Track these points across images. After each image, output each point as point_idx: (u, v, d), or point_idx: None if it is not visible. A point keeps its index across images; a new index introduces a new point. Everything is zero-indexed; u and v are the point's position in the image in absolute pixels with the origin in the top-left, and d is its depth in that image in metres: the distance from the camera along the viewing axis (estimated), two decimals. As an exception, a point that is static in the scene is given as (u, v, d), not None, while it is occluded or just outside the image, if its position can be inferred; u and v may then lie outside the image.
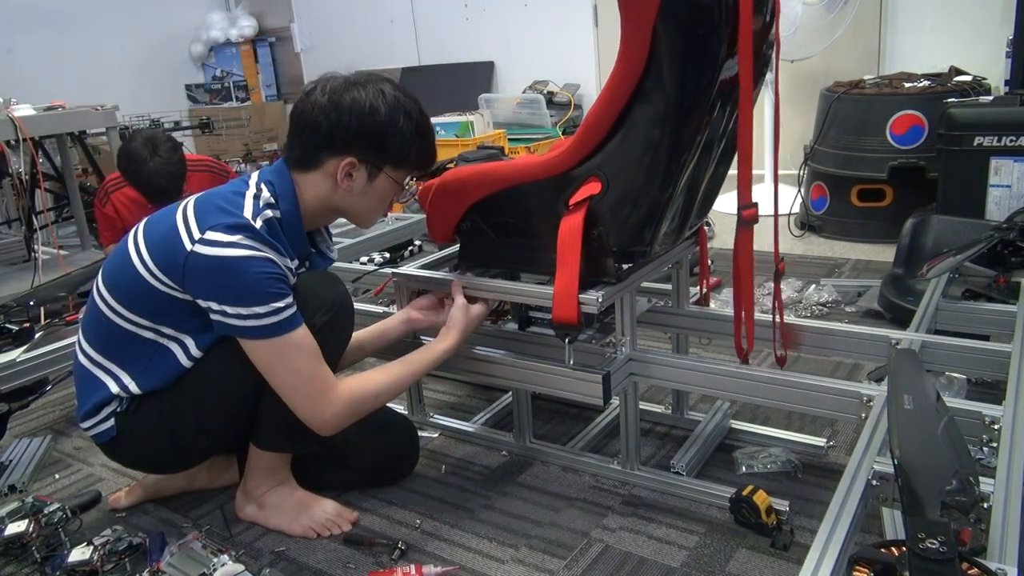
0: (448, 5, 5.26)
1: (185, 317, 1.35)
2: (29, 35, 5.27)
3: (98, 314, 1.40)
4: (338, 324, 1.44)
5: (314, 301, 1.39)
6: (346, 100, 1.35)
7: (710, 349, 2.02)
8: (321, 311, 1.39)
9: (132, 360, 1.40)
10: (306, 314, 1.36)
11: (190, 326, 1.37)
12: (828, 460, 1.62)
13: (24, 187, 3.70)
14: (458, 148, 3.69)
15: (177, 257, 1.29)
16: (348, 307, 1.47)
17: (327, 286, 1.44)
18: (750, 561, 1.33)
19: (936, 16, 3.70)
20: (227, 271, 1.27)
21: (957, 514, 0.88)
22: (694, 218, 1.59)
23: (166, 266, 1.32)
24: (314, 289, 1.41)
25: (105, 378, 1.41)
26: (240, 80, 6.24)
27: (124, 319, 1.37)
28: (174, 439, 1.43)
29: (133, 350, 1.39)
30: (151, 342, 1.38)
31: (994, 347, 1.47)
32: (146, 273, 1.33)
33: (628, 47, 1.22)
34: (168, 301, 1.34)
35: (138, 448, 1.46)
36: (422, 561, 1.38)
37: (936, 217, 2.37)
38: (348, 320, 1.48)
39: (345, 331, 1.48)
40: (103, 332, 1.41)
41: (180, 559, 1.39)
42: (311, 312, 1.37)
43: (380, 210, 1.51)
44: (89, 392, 1.42)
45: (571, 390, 1.47)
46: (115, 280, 1.39)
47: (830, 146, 3.23)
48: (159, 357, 1.39)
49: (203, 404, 1.40)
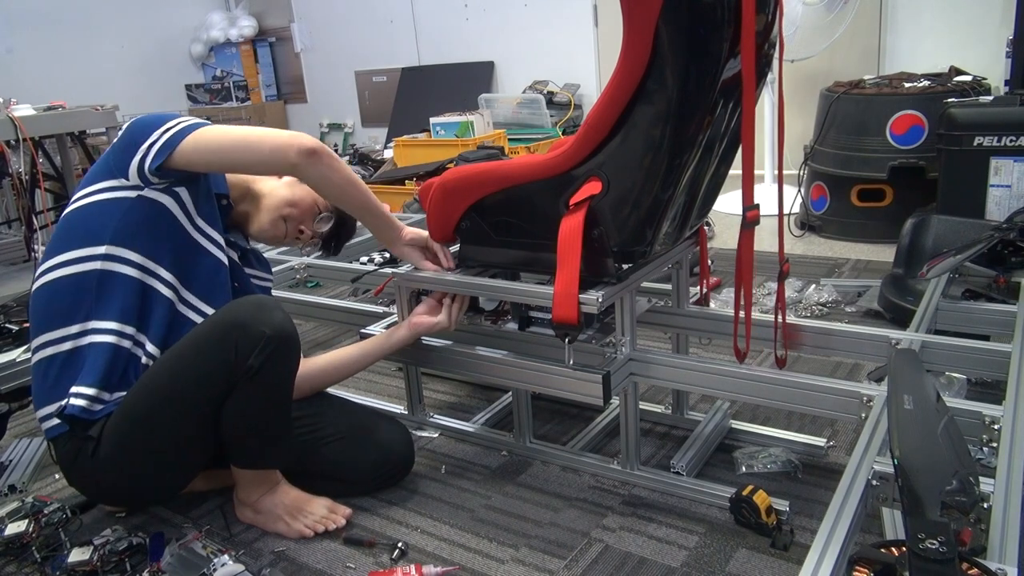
0: (448, 5, 5.26)
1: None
2: (29, 35, 5.27)
3: (43, 294, 1.40)
4: (277, 362, 1.34)
5: (245, 342, 1.31)
6: None
7: (710, 349, 2.01)
8: (255, 351, 1.31)
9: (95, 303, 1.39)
10: (237, 359, 1.31)
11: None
12: (828, 460, 1.62)
13: (24, 187, 3.69)
14: (458, 148, 3.69)
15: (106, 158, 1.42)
16: (286, 339, 1.35)
17: (254, 320, 1.33)
18: (750, 561, 1.33)
19: (936, 16, 3.70)
20: (139, 120, 1.41)
21: (957, 514, 0.89)
22: (694, 218, 1.59)
23: (104, 170, 1.41)
24: (240, 326, 1.32)
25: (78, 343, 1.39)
26: (240, 80, 6.25)
27: (71, 263, 1.39)
28: (134, 473, 1.40)
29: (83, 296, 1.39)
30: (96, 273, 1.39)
31: (994, 347, 1.48)
32: (95, 195, 1.40)
33: (630, 47, 1.22)
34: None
35: (100, 479, 1.42)
36: (422, 561, 1.39)
37: (936, 217, 2.37)
38: (288, 352, 1.37)
39: (287, 363, 1.38)
40: (52, 304, 1.40)
41: (180, 559, 1.39)
42: (244, 354, 1.31)
43: (278, 211, 1.59)
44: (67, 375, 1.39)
45: (571, 390, 1.47)
46: (50, 245, 1.42)
47: (830, 146, 3.23)
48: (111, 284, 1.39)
49: (156, 440, 1.37)
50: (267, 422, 1.40)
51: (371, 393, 2.10)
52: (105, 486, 1.45)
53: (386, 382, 2.21)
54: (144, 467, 1.40)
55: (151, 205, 1.40)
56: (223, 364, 1.31)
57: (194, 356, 1.34)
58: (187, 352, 1.36)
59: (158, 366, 1.38)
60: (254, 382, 1.33)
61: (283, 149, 1.39)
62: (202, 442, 1.41)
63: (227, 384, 1.33)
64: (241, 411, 1.36)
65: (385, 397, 2.08)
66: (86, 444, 1.37)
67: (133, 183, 1.39)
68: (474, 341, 1.65)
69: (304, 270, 2.40)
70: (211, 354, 1.33)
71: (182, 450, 1.41)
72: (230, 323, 1.34)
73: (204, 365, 1.33)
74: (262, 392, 1.36)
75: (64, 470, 1.44)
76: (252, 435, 1.41)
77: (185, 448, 1.41)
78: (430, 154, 3.95)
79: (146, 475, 1.42)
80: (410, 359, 1.75)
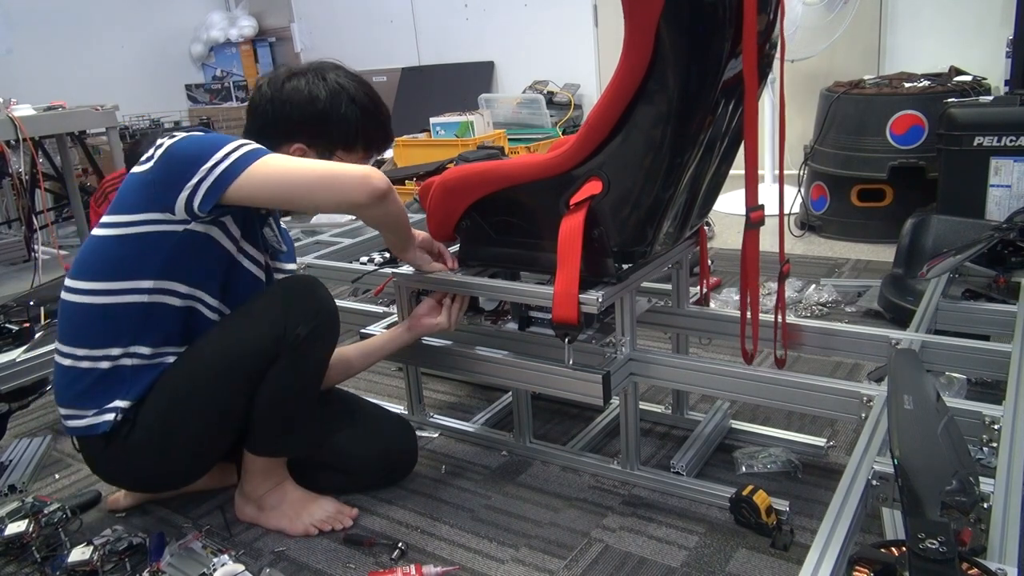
0: (448, 5, 5.26)
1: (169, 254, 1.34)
2: (29, 35, 5.27)
3: (80, 312, 1.36)
4: (321, 334, 1.40)
5: (297, 310, 1.37)
6: (286, 89, 1.42)
7: (710, 349, 2.02)
8: (304, 320, 1.36)
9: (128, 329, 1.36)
10: (287, 325, 1.35)
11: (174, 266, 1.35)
12: (828, 460, 1.62)
13: (24, 187, 3.70)
14: (458, 148, 3.69)
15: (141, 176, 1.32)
16: (332, 314, 1.43)
17: (307, 293, 1.40)
18: (750, 561, 1.33)
19: (936, 16, 3.70)
20: (181, 146, 1.29)
21: (957, 514, 0.88)
22: (695, 218, 1.59)
23: (146, 199, 1.31)
24: (293, 297, 1.39)
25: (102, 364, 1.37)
26: (240, 80, 6.24)
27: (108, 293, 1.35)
28: (167, 454, 1.41)
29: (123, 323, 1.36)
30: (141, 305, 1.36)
31: (994, 347, 1.47)
32: (129, 227, 1.32)
33: (631, 47, 1.22)
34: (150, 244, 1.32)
35: (130, 463, 1.42)
36: (422, 561, 1.38)
37: (936, 217, 2.37)
38: (333, 328, 1.44)
39: (330, 339, 1.44)
40: (93, 326, 1.36)
41: (180, 559, 1.39)
42: (293, 322, 1.35)
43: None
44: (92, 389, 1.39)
45: (571, 390, 1.47)
46: (86, 263, 1.36)
47: (830, 146, 3.23)
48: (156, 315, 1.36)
49: (193, 418, 1.38)
50: (296, 404, 1.42)
51: (371, 393, 2.10)
52: (135, 470, 1.43)
53: (386, 382, 2.21)
54: (178, 447, 1.40)
55: (198, 238, 1.34)
56: (272, 333, 1.35)
57: (245, 325, 1.37)
58: (236, 324, 1.38)
59: (203, 342, 1.38)
60: (297, 352, 1.36)
61: (356, 190, 1.30)
62: (235, 420, 1.40)
63: (273, 351, 1.35)
64: (278, 385, 1.38)
65: (385, 397, 2.08)
66: (119, 430, 1.37)
67: (180, 218, 1.30)
68: (474, 341, 1.65)
69: (304, 270, 2.40)
70: (261, 323, 1.36)
71: (216, 428, 1.41)
72: (282, 295, 1.39)
73: (255, 330, 1.36)
74: (301, 366, 1.38)
75: (90, 459, 1.43)
76: (279, 414, 1.41)
77: (219, 426, 1.41)
78: (430, 154, 3.95)
79: (177, 457, 1.42)
80: (410, 359, 1.75)
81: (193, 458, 1.45)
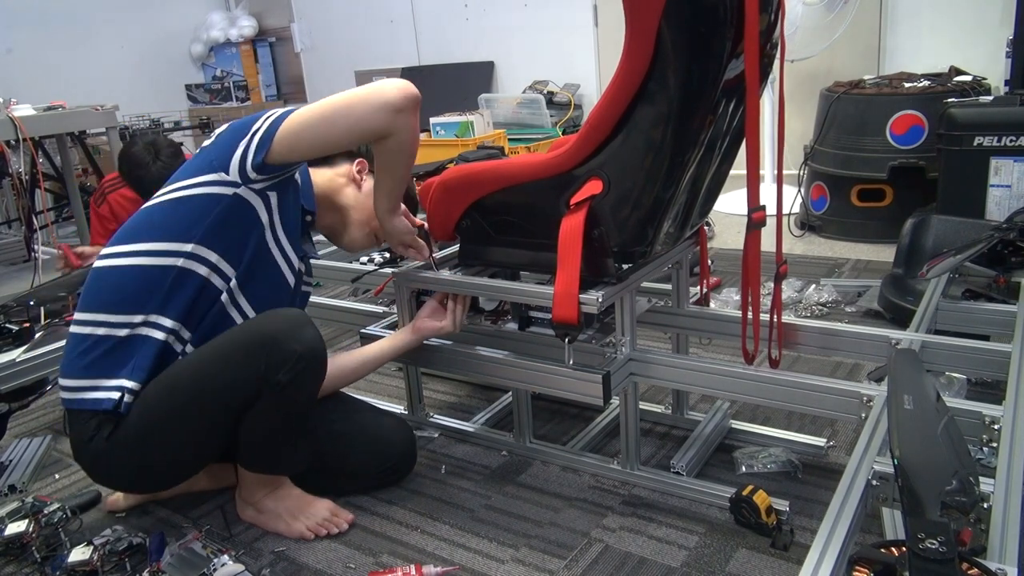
0: (448, 5, 5.26)
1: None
2: (29, 35, 5.27)
3: (112, 276, 1.39)
4: (305, 379, 1.36)
5: (278, 357, 1.32)
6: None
7: (710, 349, 2.02)
8: (285, 367, 1.32)
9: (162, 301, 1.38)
10: (268, 371, 1.31)
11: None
12: (828, 460, 1.62)
13: (24, 187, 3.69)
14: (458, 148, 3.68)
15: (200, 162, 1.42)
16: (316, 359, 1.37)
17: (291, 334, 1.34)
18: (750, 561, 1.33)
19: (936, 16, 3.69)
20: (235, 123, 1.43)
21: (957, 514, 0.88)
22: (695, 218, 1.59)
23: (204, 164, 1.40)
24: (277, 339, 1.33)
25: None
26: (240, 80, 6.24)
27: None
28: (148, 460, 1.40)
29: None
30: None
31: (994, 347, 1.47)
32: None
33: (632, 47, 1.22)
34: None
35: (111, 462, 1.41)
36: (422, 561, 1.38)
37: (936, 217, 2.37)
38: (318, 372, 1.39)
39: (314, 382, 1.39)
40: (121, 289, 1.38)
41: (180, 559, 1.39)
42: (274, 368, 1.31)
43: (369, 225, 1.61)
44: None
45: (571, 390, 1.47)
46: (135, 227, 1.41)
47: (830, 146, 3.23)
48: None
49: (173, 435, 1.38)
50: (285, 434, 1.42)
51: (371, 393, 2.10)
52: (113, 469, 1.43)
53: (386, 382, 2.21)
54: (156, 458, 1.40)
55: (242, 205, 1.38)
56: (251, 375, 1.32)
57: (224, 363, 1.34)
58: (217, 357, 1.35)
59: (187, 365, 1.38)
60: (279, 396, 1.34)
61: (387, 90, 1.34)
62: (217, 443, 1.41)
63: (253, 394, 1.33)
64: (262, 421, 1.37)
65: (385, 397, 2.08)
66: (104, 425, 1.36)
67: (232, 179, 1.36)
68: (474, 341, 1.65)
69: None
70: (241, 364, 1.33)
71: (196, 448, 1.41)
72: (264, 336, 1.33)
73: (233, 373, 1.33)
74: (285, 407, 1.37)
75: (75, 444, 1.43)
76: (268, 444, 1.42)
77: (200, 446, 1.41)
78: (430, 154, 3.95)
79: (156, 466, 1.42)
80: (410, 359, 1.75)
81: (171, 469, 1.45)
